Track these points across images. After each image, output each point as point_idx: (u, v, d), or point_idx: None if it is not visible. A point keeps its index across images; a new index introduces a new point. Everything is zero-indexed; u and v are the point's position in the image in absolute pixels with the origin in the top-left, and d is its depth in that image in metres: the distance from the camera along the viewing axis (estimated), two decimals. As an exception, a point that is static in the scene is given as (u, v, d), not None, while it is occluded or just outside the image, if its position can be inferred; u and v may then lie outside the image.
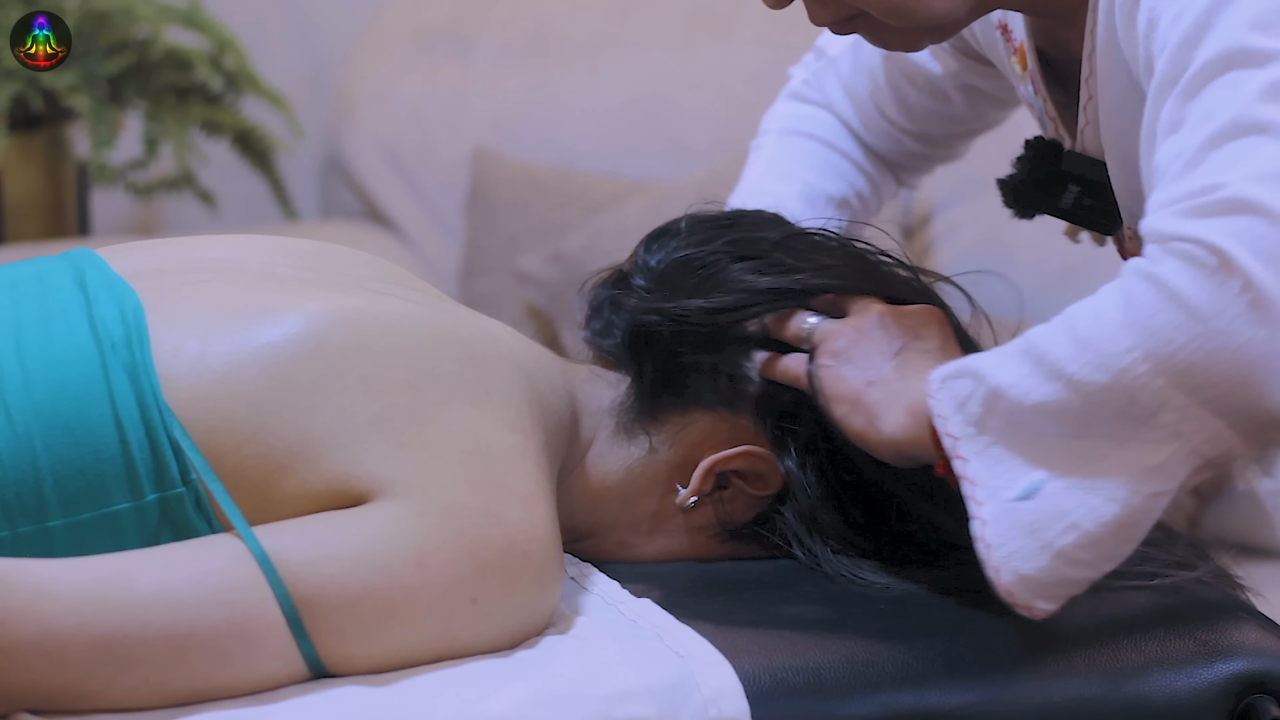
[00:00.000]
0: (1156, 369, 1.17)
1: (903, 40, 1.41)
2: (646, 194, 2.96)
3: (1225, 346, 1.15)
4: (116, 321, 1.30)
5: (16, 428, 1.25)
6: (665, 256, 1.47)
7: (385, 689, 1.23)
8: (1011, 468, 1.23)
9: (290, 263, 1.43)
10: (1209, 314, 1.15)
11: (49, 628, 1.19)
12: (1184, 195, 1.18)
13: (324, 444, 1.27)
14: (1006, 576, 1.24)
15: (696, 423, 1.45)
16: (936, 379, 1.27)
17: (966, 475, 1.25)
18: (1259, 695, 1.32)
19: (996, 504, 1.23)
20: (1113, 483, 1.20)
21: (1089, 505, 1.21)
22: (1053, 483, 1.22)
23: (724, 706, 1.25)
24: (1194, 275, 1.16)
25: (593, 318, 1.50)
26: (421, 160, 3.24)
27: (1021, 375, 1.22)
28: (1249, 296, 1.15)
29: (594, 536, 1.47)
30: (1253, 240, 1.15)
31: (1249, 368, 1.15)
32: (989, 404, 1.23)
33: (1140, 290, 1.18)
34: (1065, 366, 1.20)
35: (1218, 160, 1.18)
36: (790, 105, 1.80)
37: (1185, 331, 1.16)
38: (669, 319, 1.44)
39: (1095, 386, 1.19)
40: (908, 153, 1.78)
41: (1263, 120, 1.18)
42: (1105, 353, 1.18)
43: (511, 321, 2.88)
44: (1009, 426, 1.23)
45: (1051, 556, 1.22)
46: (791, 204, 1.70)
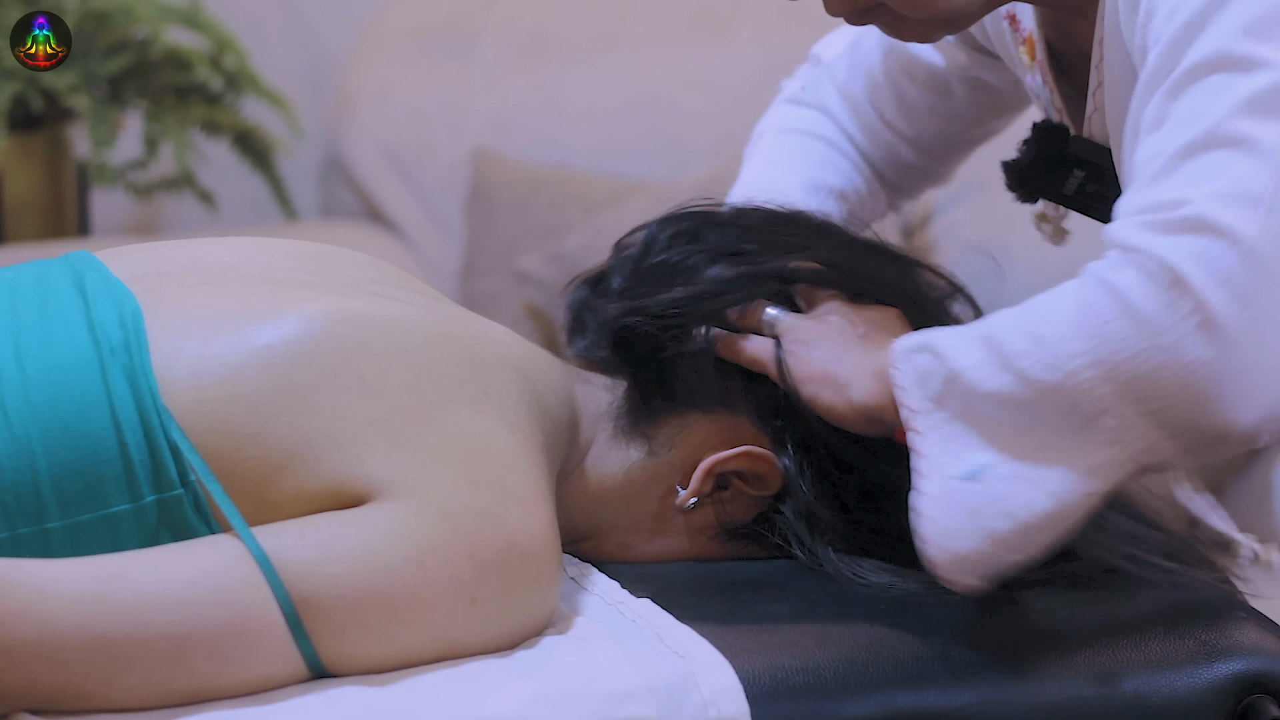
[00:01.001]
0: (1103, 375, 1.19)
1: (919, 31, 1.41)
2: (646, 194, 2.95)
3: (1171, 362, 1.18)
4: (115, 324, 1.30)
5: (15, 430, 1.25)
6: (638, 260, 1.48)
7: (385, 689, 1.23)
8: (962, 447, 1.25)
9: (289, 265, 1.43)
10: (1159, 329, 1.18)
11: (49, 628, 1.19)
12: (1150, 206, 1.20)
13: (323, 445, 1.27)
14: (934, 551, 1.27)
15: (694, 424, 1.45)
16: (900, 349, 1.29)
17: (917, 448, 1.27)
18: (1259, 695, 1.32)
19: (942, 480, 1.26)
20: (1052, 477, 1.23)
21: (1026, 495, 1.23)
22: (998, 468, 1.24)
23: (724, 706, 1.25)
24: (1148, 290, 1.18)
25: (577, 334, 1.50)
26: (421, 160, 3.24)
27: (978, 361, 1.24)
28: (1199, 317, 1.17)
29: (594, 538, 1.47)
30: (1208, 262, 1.17)
31: (1193, 385, 1.18)
32: (948, 384, 1.26)
33: (1096, 296, 1.20)
34: (1018, 361, 1.22)
35: (1188, 172, 1.20)
36: (786, 109, 1.81)
37: (1134, 343, 1.18)
38: (647, 316, 1.44)
39: (1045, 384, 1.21)
40: (901, 164, 1.78)
41: (1238, 135, 1.20)
42: (1057, 353, 1.21)
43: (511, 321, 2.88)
44: (964, 408, 1.25)
45: (984, 539, 1.25)
46: (795, 193, 1.71)
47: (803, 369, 1.38)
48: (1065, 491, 1.23)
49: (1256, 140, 1.20)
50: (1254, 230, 1.18)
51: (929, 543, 1.27)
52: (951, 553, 1.26)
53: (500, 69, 3.24)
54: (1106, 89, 1.43)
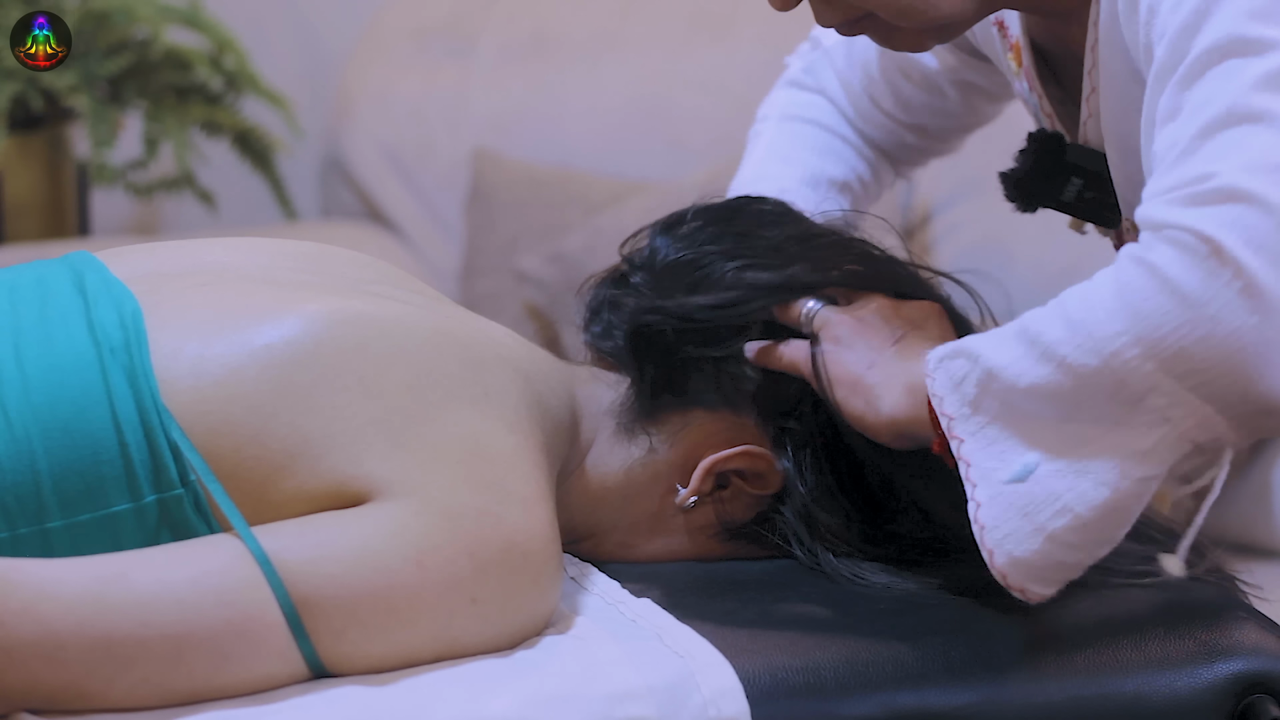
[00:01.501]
0: (1146, 353, 1.18)
1: (910, 41, 1.41)
2: (646, 194, 2.96)
3: (1214, 333, 1.16)
4: (115, 325, 1.30)
5: (15, 431, 1.25)
6: (665, 255, 1.47)
7: (385, 689, 1.23)
8: (1006, 449, 1.24)
9: (289, 265, 1.43)
10: (1199, 300, 1.16)
11: (49, 628, 1.19)
12: (1178, 184, 1.19)
13: (323, 445, 1.27)
14: (1000, 559, 1.25)
15: (696, 423, 1.45)
16: (934, 359, 1.28)
17: (962, 455, 1.26)
18: (1259, 695, 1.32)
19: (991, 486, 1.24)
20: (1103, 466, 1.21)
21: (1080, 489, 1.22)
22: (1045, 465, 1.23)
23: (724, 706, 1.25)
24: (1186, 262, 1.17)
25: (592, 321, 1.50)
26: (421, 160, 3.24)
27: (1016, 357, 1.23)
28: (1239, 284, 1.16)
29: (594, 537, 1.47)
30: (1244, 229, 1.16)
31: (1238, 354, 1.16)
32: (984, 385, 1.24)
33: (1133, 275, 1.19)
34: (1058, 349, 1.21)
35: (1211, 149, 1.19)
36: (788, 93, 1.80)
37: (1175, 317, 1.17)
38: (670, 317, 1.44)
39: (1087, 370, 1.20)
40: (904, 144, 1.78)
41: (1257, 109, 1.19)
42: (1097, 336, 1.19)
43: (511, 321, 2.88)
44: (1003, 408, 1.24)
45: (1044, 540, 1.23)
46: (795, 187, 1.70)
47: (836, 370, 1.37)
48: (1118, 479, 1.21)
49: (1277, 113, 1.19)
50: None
51: (993, 553, 1.25)
52: (1012, 557, 1.24)
53: (500, 69, 3.24)
54: (1101, 95, 1.43)
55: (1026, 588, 1.25)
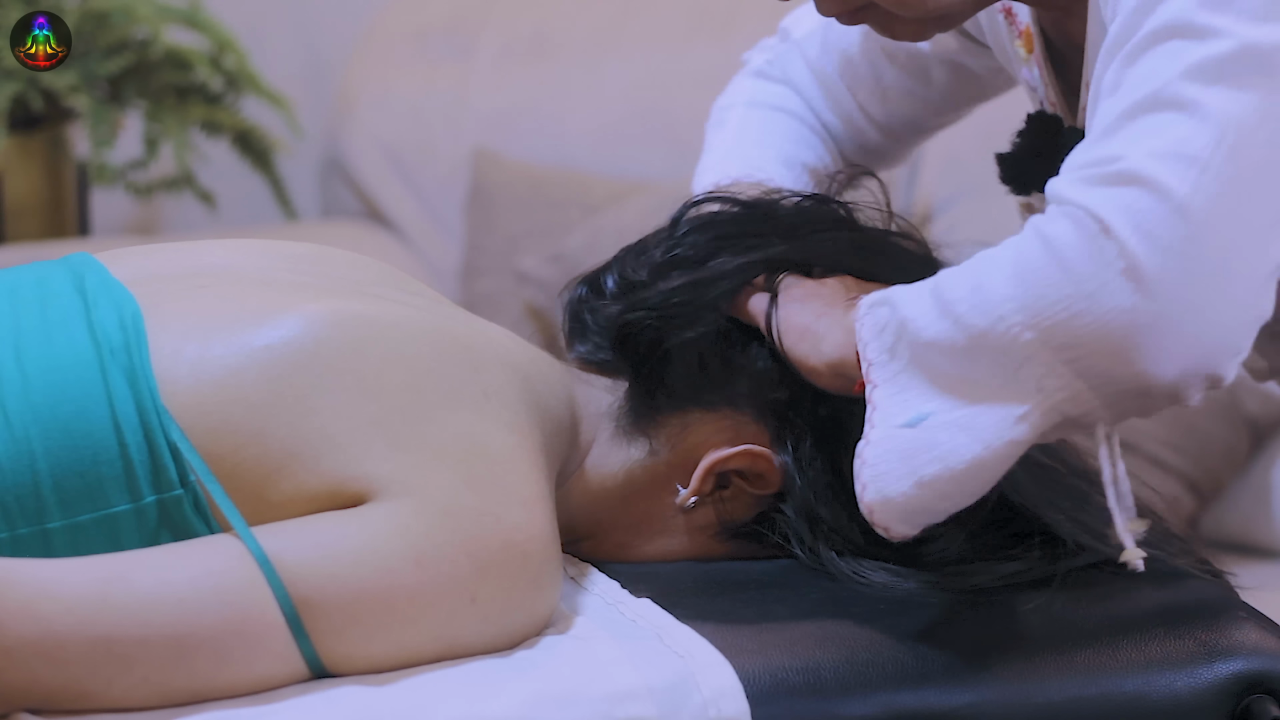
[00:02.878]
0: (1028, 322, 1.20)
1: (911, 30, 1.41)
2: (646, 194, 2.96)
3: (1091, 310, 1.19)
4: (115, 326, 1.30)
5: (15, 431, 1.25)
6: (640, 257, 1.48)
7: (385, 689, 1.23)
8: (910, 397, 1.27)
9: (288, 267, 1.43)
10: (1082, 276, 1.19)
11: (49, 627, 1.19)
12: (1089, 162, 1.22)
13: (322, 445, 1.27)
14: (870, 495, 1.28)
15: (695, 423, 1.45)
16: (865, 304, 1.31)
17: (872, 399, 1.29)
18: (1259, 695, 1.32)
19: (885, 428, 1.27)
20: (982, 425, 1.24)
21: (956, 442, 1.24)
22: (939, 415, 1.25)
23: (724, 706, 1.25)
24: (1076, 239, 1.19)
25: (577, 337, 1.50)
26: (421, 160, 3.24)
27: (924, 309, 1.26)
28: (1122, 264, 1.18)
29: (594, 537, 1.47)
30: (1135, 213, 1.18)
31: (1112, 334, 1.19)
32: (898, 333, 1.27)
33: (1030, 245, 1.22)
34: (956, 306, 1.24)
35: (1129, 132, 1.22)
36: (754, 82, 1.79)
37: (1058, 289, 1.19)
38: (650, 309, 1.44)
39: (977, 330, 1.23)
40: (865, 146, 1.77)
41: (1182, 98, 1.21)
42: (989, 299, 1.22)
43: (511, 322, 2.88)
44: (913, 358, 1.27)
45: (913, 484, 1.26)
46: (771, 168, 1.70)
47: (788, 320, 1.40)
48: (993, 439, 1.24)
49: (1200, 104, 1.20)
50: (1186, 188, 1.18)
51: (865, 487, 1.28)
52: (883, 496, 1.27)
53: (500, 69, 3.24)
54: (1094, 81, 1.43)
55: (890, 526, 1.28)
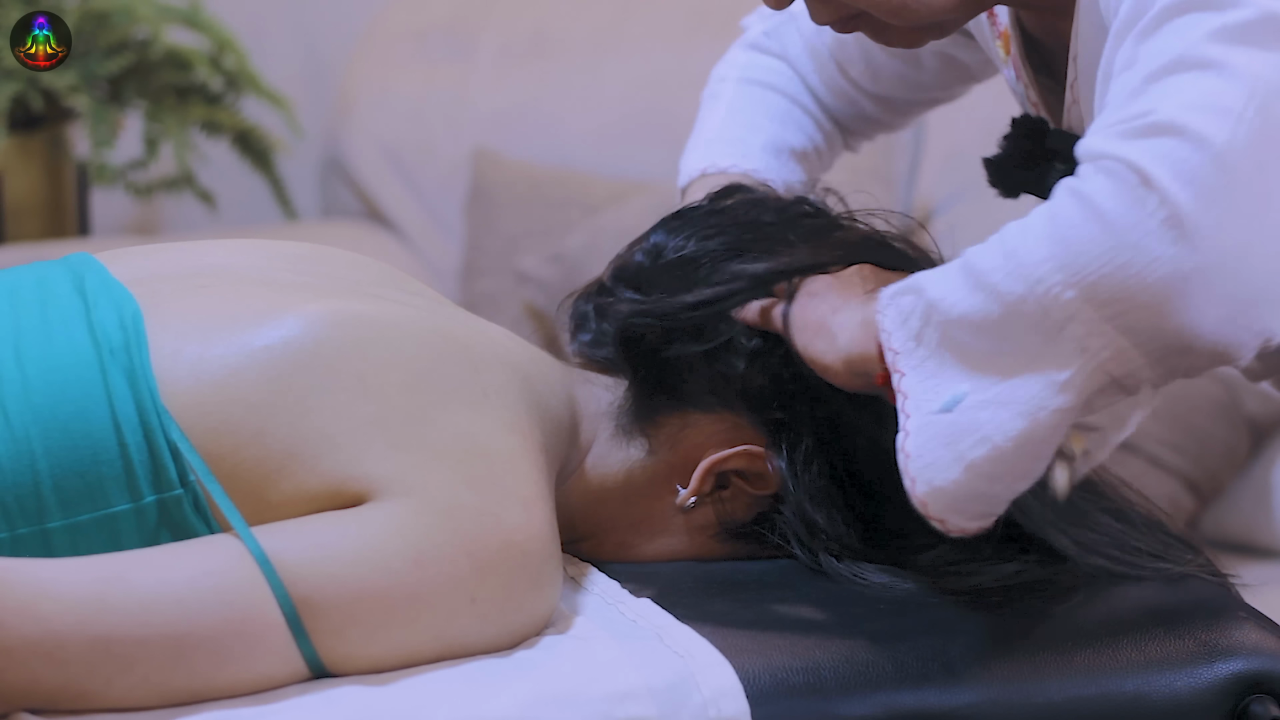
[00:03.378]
0: (1068, 280, 1.18)
1: (904, 38, 1.41)
2: (646, 194, 2.96)
3: (1135, 261, 1.17)
4: (115, 326, 1.30)
5: (15, 431, 1.25)
6: (657, 258, 1.48)
7: (385, 689, 1.23)
8: (941, 381, 1.25)
9: (288, 267, 1.43)
10: (1123, 228, 1.17)
11: (49, 627, 1.19)
12: (1119, 120, 1.20)
13: (322, 445, 1.27)
14: (921, 488, 1.25)
15: (695, 423, 1.45)
16: (886, 295, 1.28)
17: (901, 389, 1.26)
18: (1259, 695, 1.32)
19: (921, 416, 1.25)
20: (1023, 397, 1.22)
21: (1000, 419, 1.22)
22: (973, 396, 1.23)
23: (724, 706, 1.25)
24: (1114, 191, 1.18)
25: (580, 331, 1.50)
26: (421, 160, 3.24)
27: (954, 287, 1.24)
28: (1164, 214, 1.16)
29: (594, 537, 1.47)
30: (1174, 162, 1.16)
31: (1156, 285, 1.17)
32: (926, 317, 1.25)
33: (1064, 204, 1.20)
34: (989, 277, 1.21)
35: (1157, 90, 1.20)
36: (749, 55, 1.79)
37: (1099, 244, 1.17)
38: (657, 318, 1.44)
39: (1014, 296, 1.20)
40: (862, 115, 1.77)
41: (1207, 57, 1.20)
42: (1025, 263, 1.20)
43: (511, 322, 2.88)
44: (943, 339, 1.24)
45: (963, 469, 1.24)
46: (756, 153, 1.70)
47: (802, 316, 1.37)
48: (1036, 409, 1.21)
49: (1228, 62, 1.19)
50: (1224, 137, 1.17)
51: (915, 481, 1.25)
52: (933, 487, 1.25)
53: (500, 69, 3.24)
54: (1082, 79, 1.43)
55: (946, 518, 1.26)
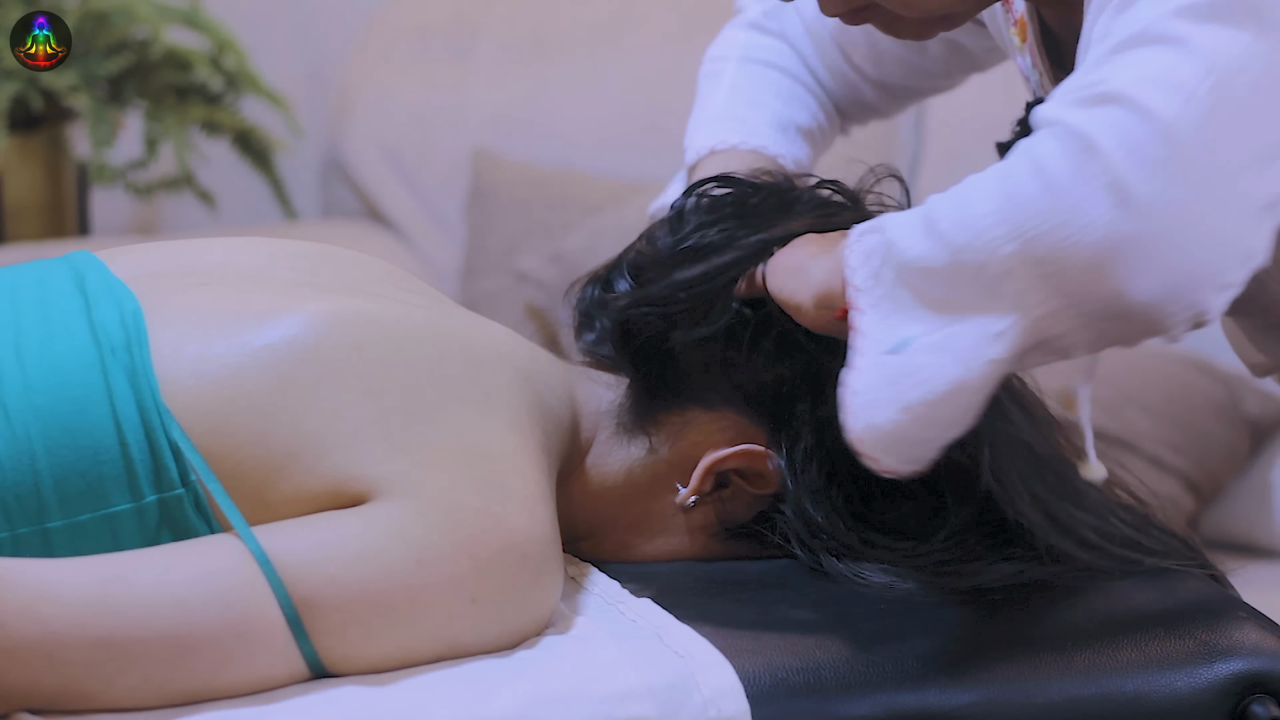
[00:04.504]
0: (1009, 235, 1.20)
1: (914, 29, 1.42)
2: (646, 194, 2.94)
3: (1073, 222, 1.18)
4: (116, 325, 1.30)
5: (16, 430, 1.25)
6: (649, 252, 1.48)
7: (385, 689, 1.23)
8: (895, 322, 1.26)
9: (289, 265, 1.43)
10: (1064, 188, 1.18)
11: (49, 628, 1.19)
12: (1074, 88, 1.22)
13: (323, 445, 1.27)
14: (858, 425, 1.26)
15: (695, 422, 1.45)
16: (856, 232, 1.30)
17: (857, 325, 1.27)
18: (1259, 695, 1.32)
19: (870, 355, 1.26)
20: (962, 345, 1.23)
21: (939, 364, 1.24)
22: (920, 340, 1.24)
23: (724, 706, 1.25)
24: (1060, 154, 1.19)
25: (585, 328, 1.50)
26: (421, 160, 3.24)
27: (911, 230, 1.25)
28: (1105, 179, 1.18)
29: (594, 537, 1.47)
30: (1120, 131, 1.18)
31: (1092, 248, 1.18)
32: (885, 256, 1.26)
33: (1015, 163, 1.22)
34: (940, 224, 1.23)
35: (1116, 62, 1.22)
36: (748, 34, 1.78)
37: (1041, 203, 1.19)
38: (653, 304, 1.44)
39: (958, 245, 1.22)
40: (859, 100, 1.77)
41: (1170, 33, 1.21)
42: (972, 214, 1.22)
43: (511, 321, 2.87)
44: (898, 280, 1.26)
45: (899, 410, 1.25)
46: (765, 129, 1.70)
47: (779, 260, 1.39)
48: (971, 358, 1.23)
49: (1188, 38, 1.20)
50: (1172, 111, 1.18)
51: (852, 416, 1.27)
52: (869, 424, 1.26)
53: (500, 69, 3.24)
54: None
55: (879, 458, 1.27)
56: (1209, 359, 2.68)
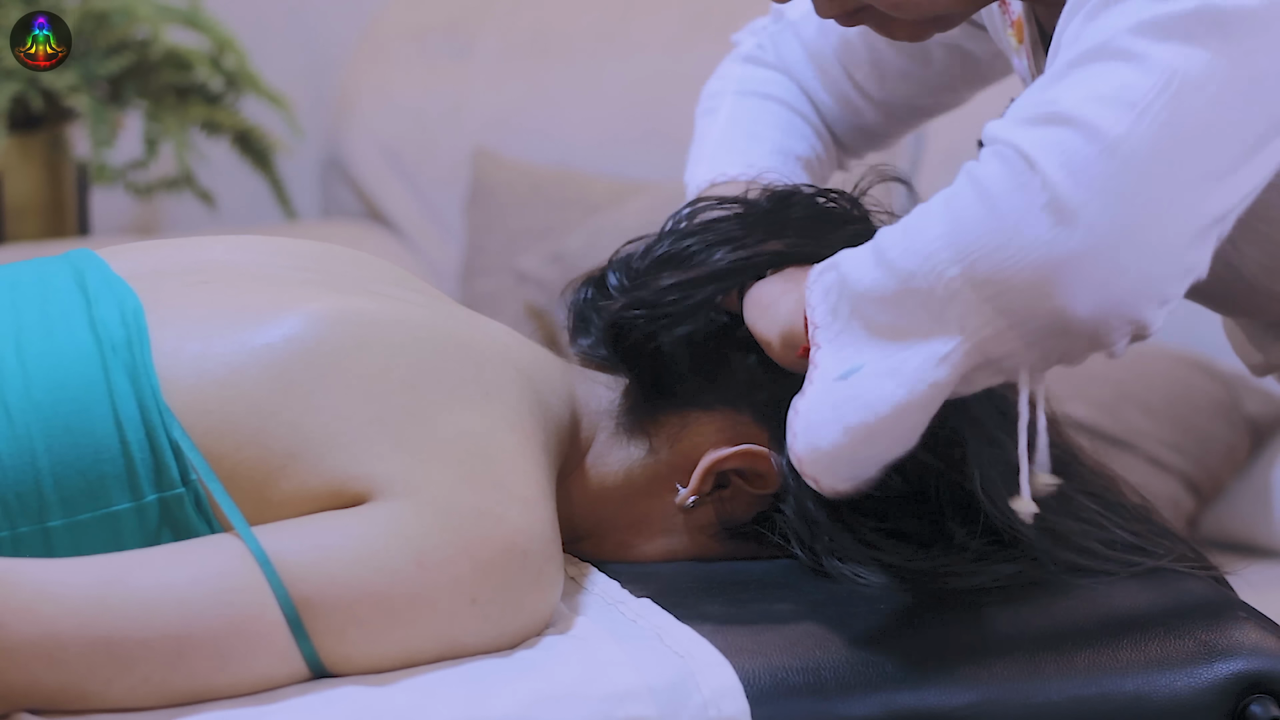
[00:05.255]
0: (954, 258, 1.20)
1: (909, 31, 1.42)
2: (646, 194, 2.96)
3: (1012, 242, 1.18)
4: (117, 323, 1.30)
5: (17, 429, 1.25)
6: (641, 255, 1.48)
7: (385, 689, 1.23)
8: (849, 353, 1.27)
9: (290, 264, 1.43)
10: (1005, 210, 1.19)
11: (49, 628, 1.19)
12: (1025, 106, 1.23)
13: (323, 444, 1.27)
14: (801, 446, 1.28)
15: (695, 422, 1.45)
16: (815, 271, 1.31)
17: (814, 360, 1.29)
18: (1259, 695, 1.32)
19: (821, 384, 1.28)
20: (907, 369, 1.24)
21: (884, 389, 1.24)
22: (869, 366, 1.25)
23: (724, 706, 1.25)
24: (1001, 174, 1.20)
25: (579, 332, 1.50)
26: (421, 160, 3.24)
27: (861, 262, 1.26)
28: (1045, 198, 1.18)
29: (594, 537, 1.47)
30: (1062, 151, 1.18)
31: (1032, 267, 1.18)
32: (841, 291, 1.28)
33: (960, 185, 1.22)
34: (889, 253, 1.24)
35: (1071, 79, 1.22)
36: (744, 68, 1.78)
37: (982, 224, 1.20)
38: (643, 306, 1.44)
39: (907, 272, 1.23)
40: (861, 127, 1.77)
41: (1127, 48, 1.21)
42: (919, 240, 1.22)
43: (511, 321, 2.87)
44: (853, 312, 1.27)
45: (842, 432, 1.26)
46: (764, 160, 1.70)
47: (756, 297, 1.40)
48: (916, 381, 1.23)
49: (1147, 56, 1.20)
50: (1119, 130, 1.18)
51: (797, 438, 1.28)
52: (810, 445, 1.27)
53: (500, 69, 3.24)
54: None
55: (819, 478, 1.28)
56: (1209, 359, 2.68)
